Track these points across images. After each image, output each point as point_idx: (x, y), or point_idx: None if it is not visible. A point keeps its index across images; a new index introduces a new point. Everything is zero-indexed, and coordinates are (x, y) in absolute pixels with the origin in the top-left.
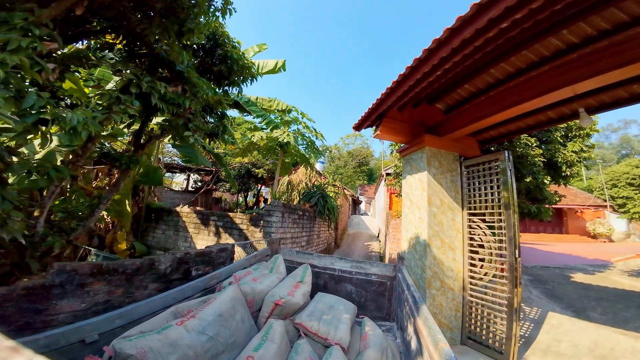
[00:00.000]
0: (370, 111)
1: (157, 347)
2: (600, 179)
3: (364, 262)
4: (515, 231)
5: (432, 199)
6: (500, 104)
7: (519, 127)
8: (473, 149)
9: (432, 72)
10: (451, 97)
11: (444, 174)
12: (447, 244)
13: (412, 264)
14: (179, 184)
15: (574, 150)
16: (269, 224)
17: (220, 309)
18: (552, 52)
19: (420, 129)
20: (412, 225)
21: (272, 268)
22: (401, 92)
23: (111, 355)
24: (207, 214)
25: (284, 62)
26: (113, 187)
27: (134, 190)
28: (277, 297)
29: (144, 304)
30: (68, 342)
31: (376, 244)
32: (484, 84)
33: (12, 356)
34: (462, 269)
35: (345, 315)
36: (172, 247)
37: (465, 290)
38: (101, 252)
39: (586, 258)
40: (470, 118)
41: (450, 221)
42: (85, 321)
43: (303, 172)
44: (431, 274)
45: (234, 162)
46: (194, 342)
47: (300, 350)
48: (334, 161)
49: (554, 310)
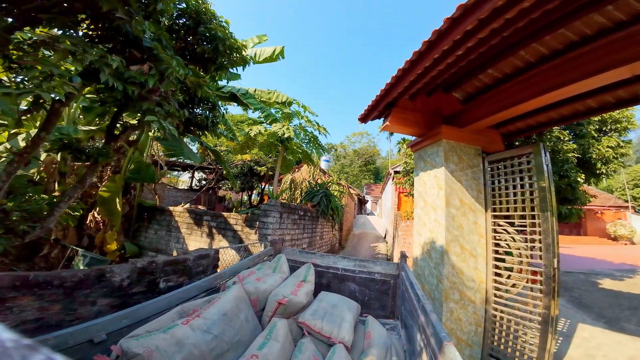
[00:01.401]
0: (378, 99)
1: (163, 346)
2: (622, 179)
3: (367, 261)
4: (554, 237)
5: (451, 199)
6: (534, 89)
7: (551, 118)
8: (496, 143)
9: (452, 51)
10: (471, 83)
11: (463, 170)
12: (467, 251)
13: (425, 273)
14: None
15: (609, 145)
16: (265, 226)
17: (225, 308)
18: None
19: (436, 119)
20: (426, 228)
21: (275, 267)
22: (415, 76)
23: (119, 354)
24: (200, 214)
25: (282, 48)
26: (78, 183)
27: (125, 188)
28: (281, 296)
29: (150, 304)
30: (76, 342)
31: (383, 245)
32: (511, 68)
33: (30, 354)
34: (485, 279)
35: (349, 313)
36: (164, 248)
37: (488, 303)
38: (89, 252)
39: (612, 262)
40: (495, 107)
41: (472, 224)
42: (93, 321)
43: (307, 170)
44: (449, 285)
45: (236, 159)
46: (199, 341)
47: (303, 349)
48: (340, 160)
49: (584, 322)
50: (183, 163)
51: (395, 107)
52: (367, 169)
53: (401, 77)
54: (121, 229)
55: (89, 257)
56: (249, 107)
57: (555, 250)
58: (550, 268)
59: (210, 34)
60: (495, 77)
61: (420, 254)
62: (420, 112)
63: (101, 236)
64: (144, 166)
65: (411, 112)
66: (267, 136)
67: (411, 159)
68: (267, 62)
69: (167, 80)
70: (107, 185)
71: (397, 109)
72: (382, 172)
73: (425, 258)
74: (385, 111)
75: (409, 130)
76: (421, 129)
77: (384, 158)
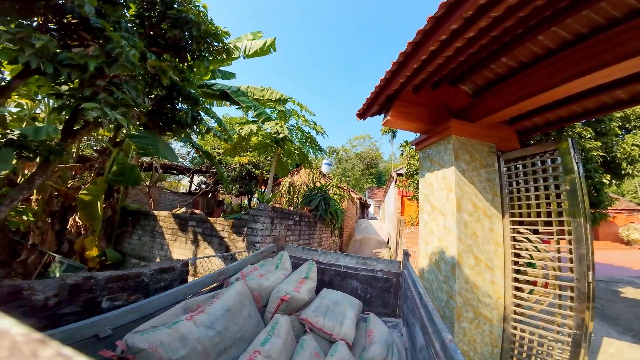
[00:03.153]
0: (378, 90)
1: (167, 342)
2: (634, 182)
3: (369, 259)
4: (589, 246)
5: (463, 203)
6: (558, 76)
7: (573, 112)
8: (511, 140)
9: (462, 32)
10: (482, 75)
11: (476, 170)
12: (483, 262)
13: (433, 287)
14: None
15: (634, 143)
16: (254, 232)
17: (228, 304)
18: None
19: (443, 114)
20: (434, 236)
21: (278, 264)
22: (418, 62)
23: (124, 349)
24: (185, 219)
25: (273, 40)
26: (26, 184)
27: (108, 191)
28: (283, 293)
29: (155, 299)
30: (83, 337)
31: (385, 251)
32: (528, 56)
33: (40, 348)
34: (504, 294)
35: (351, 311)
36: (148, 255)
37: (507, 321)
38: (67, 259)
39: (631, 269)
40: (512, 97)
41: (487, 232)
42: (99, 316)
43: (306, 173)
44: (462, 302)
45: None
46: (203, 336)
47: (305, 346)
48: (342, 163)
49: (610, 335)
50: (180, 166)
51: (397, 100)
52: (369, 173)
53: (403, 62)
54: (103, 234)
55: (65, 263)
56: (241, 105)
57: (590, 262)
58: (584, 282)
59: (181, 17)
60: (510, 67)
61: (428, 265)
62: (425, 107)
63: (81, 242)
64: (128, 168)
65: (415, 106)
66: (261, 137)
67: (415, 159)
68: (258, 56)
69: (118, 63)
70: (89, 188)
71: (399, 102)
72: (385, 175)
73: (433, 270)
74: (386, 105)
75: (413, 125)
76: (427, 125)
77: (387, 162)
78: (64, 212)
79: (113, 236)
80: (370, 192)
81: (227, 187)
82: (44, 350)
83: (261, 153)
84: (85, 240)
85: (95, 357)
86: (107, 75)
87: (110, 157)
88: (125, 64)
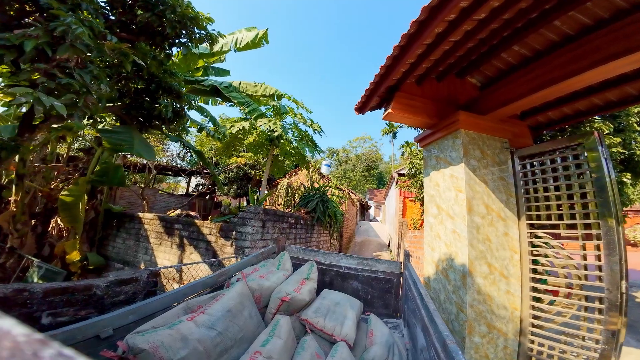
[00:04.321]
0: (377, 81)
1: (168, 342)
2: None
3: (370, 260)
4: (622, 252)
5: (474, 205)
6: (582, 62)
7: (593, 105)
8: (524, 137)
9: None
10: (491, 65)
11: (488, 168)
12: (497, 271)
13: (441, 298)
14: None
15: None
16: (243, 236)
17: (229, 304)
18: None
19: (449, 107)
20: (441, 241)
21: (278, 265)
22: (423, 48)
23: (125, 349)
24: (171, 221)
25: (265, 31)
26: None
27: (91, 192)
28: (284, 294)
29: (156, 300)
30: (84, 337)
31: (386, 254)
32: (543, 44)
33: (42, 348)
34: (520, 305)
35: (351, 311)
36: (132, 259)
37: (524, 335)
38: (45, 264)
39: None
40: (528, 86)
41: (502, 237)
42: (100, 317)
43: (304, 174)
44: (474, 315)
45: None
46: (204, 336)
47: (306, 346)
48: (342, 164)
49: (628, 343)
50: (176, 167)
51: (399, 91)
52: (369, 174)
53: (406, 47)
54: (85, 237)
55: (44, 268)
56: (233, 102)
57: (623, 270)
58: (617, 293)
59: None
60: (523, 56)
61: (434, 273)
62: (429, 99)
63: (62, 245)
64: (112, 168)
65: (419, 98)
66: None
67: (418, 158)
68: (250, 49)
69: (66, 44)
70: (70, 189)
71: (401, 93)
72: (385, 177)
73: (440, 279)
74: (387, 97)
75: (416, 119)
76: (432, 119)
77: (387, 163)
78: (47, 214)
79: (96, 239)
80: (371, 193)
81: (222, 189)
82: (45, 350)
83: (256, 153)
84: (65, 244)
85: (96, 357)
86: (54, 58)
87: (94, 157)
88: (77, 45)
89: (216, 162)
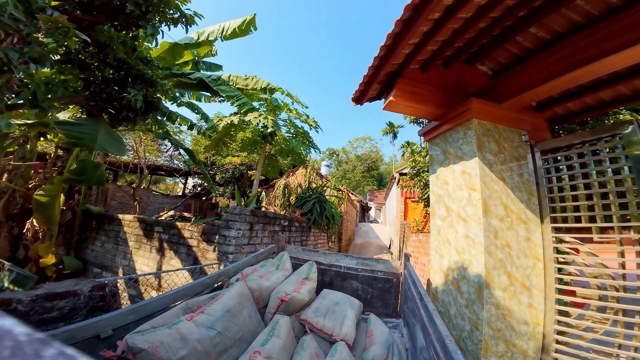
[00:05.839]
0: (376, 64)
1: (167, 342)
2: None
3: (369, 259)
4: None
5: (491, 205)
6: (615, 40)
7: (619, 94)
8: (541, 130)
9: None
10: (505, 50)
11: (506, 163)
12: (518, 282)
13: (451, 312)
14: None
15: None
16: (227, 241)
17: (229, 304)
18: None
19: (459, 96)
20: (451, 247)
21: (278, 265)
22: (429, 25)
23: (124, 349)
24: (151, 224)
25: (253, 17)
26: None
27: (69, 192)
28: (283, 294)
29: (155, 300)
30: (84, 337)
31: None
32: (564, 26)
33: (43, 348)
34: (543, 320)
35: (351, 311)
36: (110, 264)
37: (546, 352)
38: (16, 267)
39: None
40: (551, 70)
41: (523, 242)
42: (100, 317)
43: (302, 173)
44: (491, 333)
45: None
46: (203, 336)
47: (305, 346)
48: (342, 165)
49: None
50: (170, 167)
51: (402, 77)
52: (370, 175)
53: (409, 21)
54: (62, 239)
55: (15, 272)
56: (221, 96)
57: None
58: None
59: None
60: (541, 39)
61: (442, 283)
62: (436, 87)
63: (36, 248)
64: (90, 166)
65: (424, 86)
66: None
67: (421, 156)
68: (238, 37)
69: None
70: (45, 189)
71: (404, 80)
72: (386, 178)
73: (450, 291)
74: (388, 84)
75: (421, 108)
76: (439, 108)
77: (388, 164)
78: (24, 215)
79: (73, 242)
80: (371, 194)
81: (213, 188)
82: (46, 350)
83: (250, 151)
84: (39, 246)
85: (96, 357)
86: None
87: (72, 154)
88: (2, 19)
89: (212, 162)
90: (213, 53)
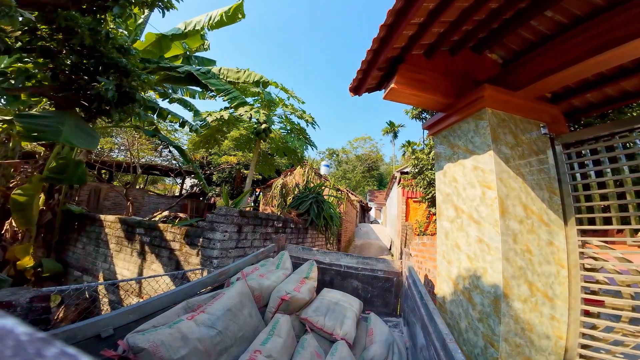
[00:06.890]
0: (375, 48)
1: (168, 341)
2: None
3: (370, 259)
4: None
5: (509, 205)
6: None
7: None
8: (558, 123)
9: None
10: (518, 35)
11: (524, 158)
12: (540, 292)
13: (462, 326)
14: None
15: None
16: (211, 244)
17: (229, 303)
18: None
19: (468, 84)
20: (462, 253)
21: (278, 264)
22: (435, 3)
23: (125, 349)
24: (133, 225)
25: (240, 3)
26: None
27: (49, 191)
28: (284, 293)
29: (156, 299)
30: (85, 337)
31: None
32: (583, 9)
33: (45, 347)
34: (566, 333)
35: (351, 310)
36: (91, 267)
37: None
38: None
39: None
40: (575, 53)
41: (545, 247)
42: (101, 316)
43: (300, 173)
44: (508, 350)
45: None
46: (204, 336)
47: (306, 345)
48: (342, 165)
49: None
50: (165, 167)
51: (404, 63)
52: (370, 175)
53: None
54: (41, 241)
55: None
56: (211, 90)
57: None
58: None
59: None
60: (559, 23)
61: (452, 293)
62: (442, 74)
63: (14, 250)
64: (71, 164)
65: (429, 72)
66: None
67: (424, 153)
68: (225, 25)
69: None
70: (24, 188)
71: (406, 65)
72: (386, 178)
73: (461, 302)
74: (388, 72)
75: (426, 97)
76: (446, 97)
77: (388, 164)
78: (3, 215)
79: (54, 243)
80: (371, 194)
81: (206, 188)
82: (48, 349)
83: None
84: (17, 248)
85: (97, 356)
86: None
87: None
88: None
89: (208, 161)
90: (205, 47)
